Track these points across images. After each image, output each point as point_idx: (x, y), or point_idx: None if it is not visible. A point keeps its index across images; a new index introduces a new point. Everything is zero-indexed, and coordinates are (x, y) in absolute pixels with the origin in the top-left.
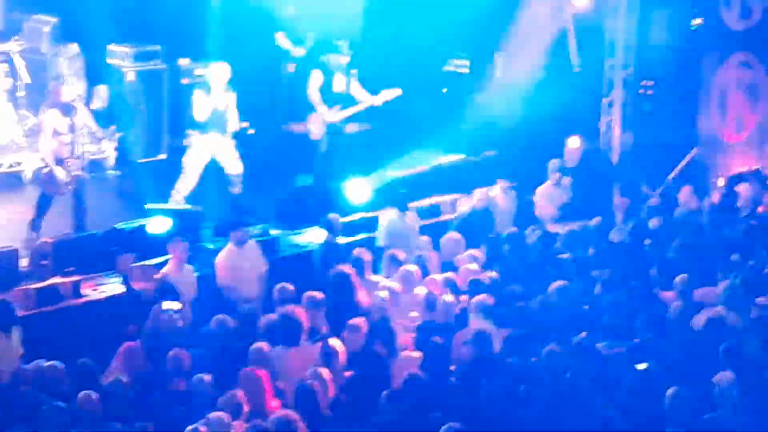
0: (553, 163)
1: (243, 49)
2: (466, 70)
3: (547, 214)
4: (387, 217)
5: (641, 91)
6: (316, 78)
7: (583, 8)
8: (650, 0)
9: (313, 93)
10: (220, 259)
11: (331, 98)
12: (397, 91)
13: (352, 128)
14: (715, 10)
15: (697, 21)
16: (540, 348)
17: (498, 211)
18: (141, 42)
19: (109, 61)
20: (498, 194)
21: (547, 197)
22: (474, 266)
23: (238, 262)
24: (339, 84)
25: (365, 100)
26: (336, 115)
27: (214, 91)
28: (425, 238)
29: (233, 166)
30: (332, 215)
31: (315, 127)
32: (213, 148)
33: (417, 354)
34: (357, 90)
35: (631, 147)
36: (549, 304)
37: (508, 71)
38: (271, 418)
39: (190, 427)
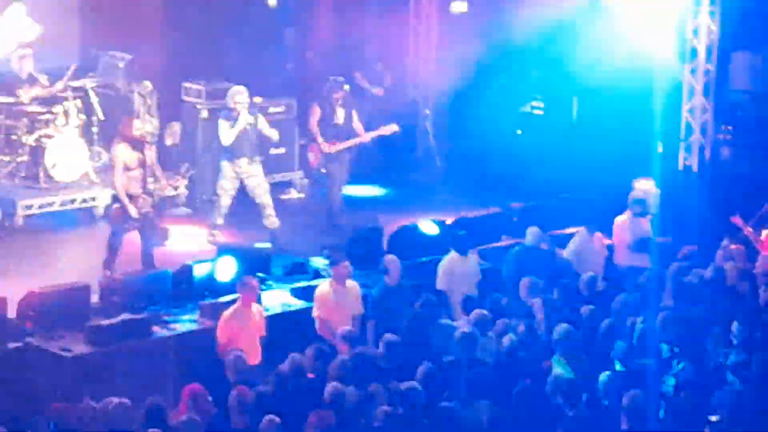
0: (635, 195)
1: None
2: (541, 112)
3: (622, 243)
4: (447, 259)
5: (720, 136)
6: (315, 111)
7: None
8: (730, 43)
9: (313, 125)
10: (318, 293)
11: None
12: (393, 127)
13: None
14: None
15: None
16: None
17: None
18: (215, 80)
19: (183, 98)
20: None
21: (625, 227)
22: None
23: (335, 298)
24: (339, 117)
25: (360, 134)
26: (332, 147)
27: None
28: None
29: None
30: (389, 257)
31: (313, 156)
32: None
33: None
34: (356, 124)
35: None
36: None
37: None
38: None
39: None
